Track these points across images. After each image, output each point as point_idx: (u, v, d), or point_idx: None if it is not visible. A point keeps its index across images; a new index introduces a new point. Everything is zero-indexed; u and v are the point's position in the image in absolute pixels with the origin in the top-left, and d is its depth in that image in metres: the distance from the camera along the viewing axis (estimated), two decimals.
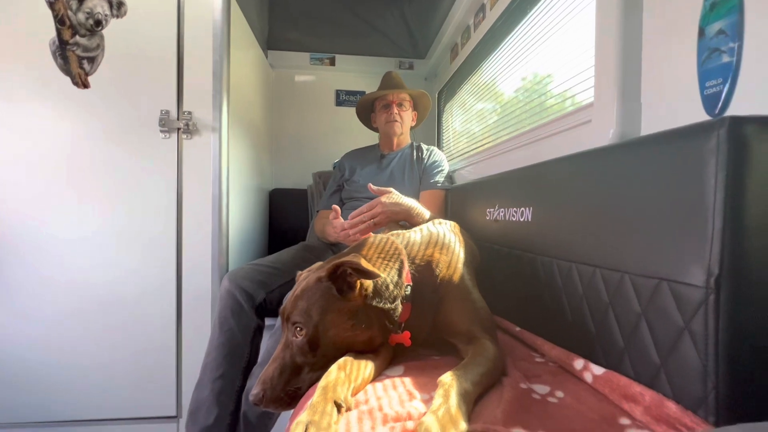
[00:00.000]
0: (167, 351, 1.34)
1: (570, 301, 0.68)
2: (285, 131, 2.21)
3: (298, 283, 0.68)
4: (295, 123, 2.22)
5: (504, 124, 1.40)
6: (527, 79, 1.24)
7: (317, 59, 2.18)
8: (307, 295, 0.63)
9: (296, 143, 2.22)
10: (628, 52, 0.69)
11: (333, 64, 2.18)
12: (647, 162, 0.54)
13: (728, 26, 0.53)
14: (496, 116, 1.49)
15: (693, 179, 0.46)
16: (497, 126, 1.46)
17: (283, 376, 0.60)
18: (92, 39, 1.28)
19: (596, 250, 0.62)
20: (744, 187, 0.42)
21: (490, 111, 1.56)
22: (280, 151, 2.20)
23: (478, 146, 1.61)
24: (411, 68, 2.23)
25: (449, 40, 1.79)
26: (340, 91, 2.22)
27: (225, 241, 1.37)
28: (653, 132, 0.65)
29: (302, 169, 2.20)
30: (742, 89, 0.51)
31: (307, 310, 0.62)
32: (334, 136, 2.24)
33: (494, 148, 1.34)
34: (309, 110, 2.22)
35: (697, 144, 0.45)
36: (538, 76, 1.18)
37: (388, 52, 2.16)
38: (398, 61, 2.21)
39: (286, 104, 2.20)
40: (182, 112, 1.31)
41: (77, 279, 1.29)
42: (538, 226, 0.81)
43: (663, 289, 0.49)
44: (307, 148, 2.23)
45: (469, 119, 1.75)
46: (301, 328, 0.61)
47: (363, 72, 2.21)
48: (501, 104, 1.43)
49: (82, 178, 1.29)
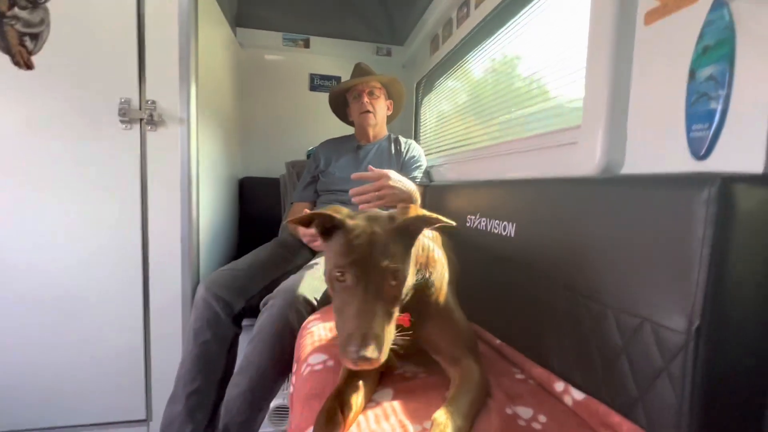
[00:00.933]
0: (135, 352, 1.28)
1: (551, 323, 0.71)
2: (255, 116, 2.10)
3: (363, 230, 0.60)
4: (266, 107, 2.11)
5: (485, 128, 1.40)
6: (513, 86, 1.23)
7: (290, 40, 2.05)
8: (392, 242, 0.59)
9: (267, 129, 2.12)
10: (617, 82, 0.70)
11: (307, 47, 2.07)
12: (636, 202, 0.56)
13: (718, 73, 0.54)
14: (477, 120, 1.48)
15: (681, 229, 0.48)
16: (478, 129, 1.46)
17: (388, 329, 0.55)
18: (35, 13, 1.13)
19: (580, 280, 0.65)
20: (729, 243, 0.44)
21: (470, 111, 1.55)
22: (250, 137, 2.09)
23: (458, 146, 1.61)
24: (389, 54, 2.16)
25: (430, 30, 1.74)
26: (315, 75, 2.12)
27: (195, 238, 1.31)
28: (637, 163, 0.68)
29: (274, 156, 2.11)
30: (727, 137, 0.53)
31: (400, 255, 0.59)
32: (308, 123, 2.15)
33: (475, 151, 1.34)
34: (281, 94, 2.11)
35: (688, 196, 0.47)
36: (525, 87, 1.17)
37: (366, 36, 2.08)
38: (376, 47, 2.14)
39: (256, 87, 2.08)
40: (145, 101, 1.20)
41: (31, 282, 1.19)
42: (522, 243, 0.83)
43: (645, 328, 0.52)
44: (279, 135, 2.13)
45: (448, 118, 1.74)
46: (396, 275, 0.58)
47: (339, 56, 2.12)
48: (483, 108, 1.42)
49: (27, 171, 1.16)
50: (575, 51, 0.90)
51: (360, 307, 0.54)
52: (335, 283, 0.59)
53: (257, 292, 1.23)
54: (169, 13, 1.19)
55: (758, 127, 0.49)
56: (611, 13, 0.70)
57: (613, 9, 0.70)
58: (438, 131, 1.83)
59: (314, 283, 1.13)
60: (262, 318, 1.06)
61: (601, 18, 0.72)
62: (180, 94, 1.22)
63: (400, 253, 0.59)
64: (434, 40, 1.77)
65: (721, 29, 0.54)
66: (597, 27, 0.73)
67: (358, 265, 0.57)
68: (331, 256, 0.61)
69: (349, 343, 0.51)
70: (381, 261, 0.57)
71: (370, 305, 0.54)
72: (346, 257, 0.57)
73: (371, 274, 0.56)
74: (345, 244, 0.59)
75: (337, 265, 0.58)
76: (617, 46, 0.69)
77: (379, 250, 0.57)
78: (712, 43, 0.55)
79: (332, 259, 0.60)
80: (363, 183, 1.51)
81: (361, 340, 0.51)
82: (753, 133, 0.49)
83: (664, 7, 0.63)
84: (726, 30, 0.53)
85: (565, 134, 0.85)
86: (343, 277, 0.57)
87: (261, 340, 1.03)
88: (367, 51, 2.13)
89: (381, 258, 0.57)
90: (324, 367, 0.75)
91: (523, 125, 1.12)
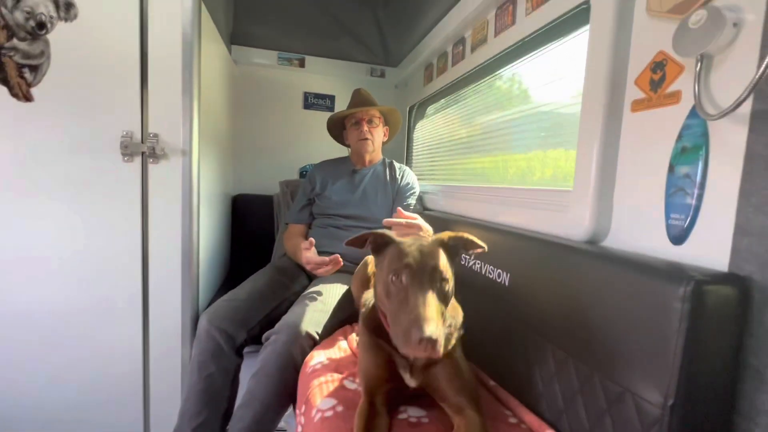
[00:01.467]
0: (134, 377, 1.29)
1: (542, 374, 0.79)
2: (248, 133, 2.11)
3: (412, 242, 0.73)
4: (260, 124, 2.12)
5: (475, 169, 1.47)
6: (509, 137, 1.30)
7: (286, 59, 2.06)
8: (439, 251, 0.71)
9: (260, 146, 2.13)
10: (606, 158, 0.78)
11: (303, 66, 2.09)
12: (621, 280, 0.63)
13: (693, 173, 0.62)
14: (467, 157, 1.55)
15: (659, 317, 0.55)
16: (469, 170, 1.53)
17: (441, 323, 0.65)
18: (35, 44, 1.11)
19: (571, 340, 0.73)
20: (700, 334, 0.52)
21: (462, 148, 1.61)
22: (243, 154, 2.10)
23: (450, 179, 1.67)
24: (382, 76, 2.20)
25: (425, 58, 1.79)
26: (309, 93, 2.15)
27: (195, 266, 1.33)
28: (620, 234, 0.76)
29: (266, 173, 2.12)
30: (699, 230, 0.61)
31: (446, 263, 0.71)
32: (301, 141, 2.18)
33: (469, 188, 1.41)
34: (275, 111, 2.12)
35: (667, 290, 0.55)
36: (519, 140, 1.24)
37: (360, 57, 2.11)
38: (370, 68, 2.17)
39: (250, 104, 2.08)
40: (147, 134, 1.21)
41: (31, 307, 1.19)
42: (515, 295, 0.90)
43: (627, 397, 0.60)
44: (271, 152, 2.15)
45: (440, 149, 1.80)
46: (445, 276, 0.69)
47: (333, 75, 2.15)
48: (474, 147, 1.49)
49: (25, 202, 1.15)
50: (566, 107, 0.98)
51: (417, 300, 0.64)
52: (391, 286, 0.69)
53: (257, 323, 1.27)
54: (173, 43, 1.20)
55: (725, 228, 0.57)
56: (602, 95, 0.78)
57: (604, 91, 0.77)
58: (430, 160, 1.89)
59: (316, 316, 1.18)
60: (265, 353, 1.10)
61: (593, 98, 0.80)
62: (183, 126, 1.23)
63: (445, 261, 0.71)
64: (428, 68, 1.83)
65: (698, 135, 0.62)
66: (588, 105, 0.81)
67: (411, 267, 0.67)
68: (386, 265, 0.72)
69: (411, 330, 0.60)
70: (430, 263, 0.68)
71: (426, 298, 0.64)
72: (401, 261, 0.68)
73: (424, 274, 0.67)
74: (398, 252, 0.71)
75: (394, 268, 0.68)
76: (606, 124, 0.76)
77: (429, 255, 0.69)
78: (689, 146, 0.63)
79: (387, 267, 0.71)
80: (365, 213, 1.57)
81: (424, 323, 0.59)
82: (721, 233, 0.58)
83: (649, 100, 0.71)
84: (702, 137, 0.61)
85: (557, 195, 0.92)
86: (398, 279, 0.67)
87: (265, 375, 1.07)
88: (361, 72, 2.16)
89: (431, 261, 0.68)
90: (334, 413, 0.81)
91: (518, 177, 1.20)
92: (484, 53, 1.30)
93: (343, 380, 0.94)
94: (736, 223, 0.56)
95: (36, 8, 1.10)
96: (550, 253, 0.82)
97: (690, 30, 0.60)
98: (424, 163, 1.96)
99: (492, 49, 1.24)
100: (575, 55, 0.95)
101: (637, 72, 0.74)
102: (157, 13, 1.18)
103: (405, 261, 0.68)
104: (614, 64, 0.76)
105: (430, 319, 0.60)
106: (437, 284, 0.67)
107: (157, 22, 1.18)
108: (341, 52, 2.07)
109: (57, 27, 1.12)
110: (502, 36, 1.18)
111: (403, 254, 0.69)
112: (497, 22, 1.23)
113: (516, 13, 1.13)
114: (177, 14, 1.19)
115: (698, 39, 0.59)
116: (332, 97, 2.16)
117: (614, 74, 0.76)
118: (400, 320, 0.65)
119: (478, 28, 1.35)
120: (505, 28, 1.17)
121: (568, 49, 0.98)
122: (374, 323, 0.85)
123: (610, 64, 0.76)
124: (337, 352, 1.09)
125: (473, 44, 1.39)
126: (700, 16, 0.59)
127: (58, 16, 1.12)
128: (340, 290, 1.35)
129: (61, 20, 1.12)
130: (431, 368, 0.80)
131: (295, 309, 1.20)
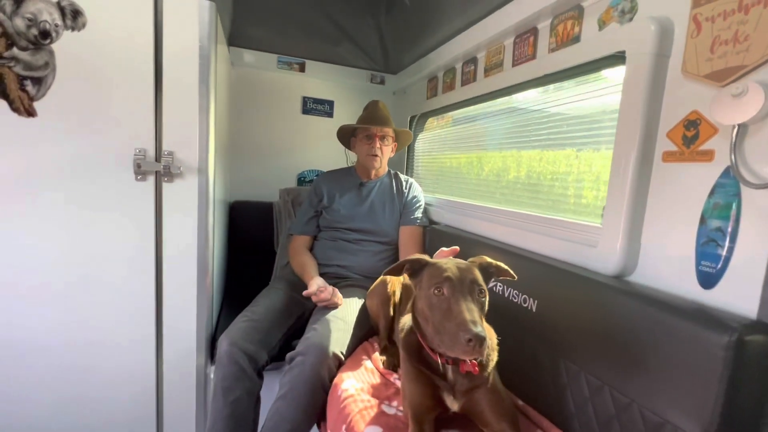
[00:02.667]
0: (147, 396, 1.25)
1: (575, 399, 0.86)
2: (245, 138, 2.04)
3: (448, 261, 0.82)
4: (257, 129, 2.06)
5: (490, 189, 1.52)
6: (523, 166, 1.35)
7: (285, 63, 2.00)
8: (476, 270, 0.80)
9: (257, 151, 2.07)
10: (636, 199, 0.84)
11: (303, 70, 2.04)
12: (662, 321, 0.70)
13: (725, 228, 0.70)
14: (484, 182, 1.59)
15: (700, 361, 0.63)
16: (482, 189, 1.57)
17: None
18: (37, 55, 1.03)
19: (606, 370, 0.80)
20: (740, 381, 0.60)
21: (470, 172, 1.66)
22: (240, 159, 2.03)
23: (455, 194, 1.72)
24: (382, 83, 2.19)
25: (430, 70, 1.81)
26: (308, 98, 2.10)
27: (210, 288, 1.30)
28: (647, 273, 0.84)
29: (264, 180, 2.08)
30: (729, 278, 0.69)
31: (481, 280, 0.79)
32: (299, 147, 2.14)
33: (486, 210, 1.44)
34: (272, 116, 2.07)
35: (710, 338, 0.62)
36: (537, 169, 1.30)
37: (361, 63, 2.09)
38: (370, 74, 2.16)
39: (247, 108, 2.02)
40: (162, 152, 1.15)
41: (41, 331, 1.12)
42: (544, 320, 0.97)
43: (667, 428, 0.67)
44: (269, 158, 2.09)
45: (445, 167, 1.84)
46: (482, 290, 0.78)
47: (333, 81, 2.12)
48: (489, 174, 1.53)
49: (28, 223, 1.08)
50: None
51: (460, 307, 0.72)
52: (433, 298, 0.76)
53: (276, 342, 1.27)
54: (189, 55, 1.14)
55: (755, 280, 0.65)
56: (634, 142, 0.84)
57: (636, 138, 0.84)
58: (435, 174, 1.93)
59: (340, 336, 1.20)
60: (292, 374, 1.11)
61: (625, 142, 0.86)
62: (200, 143, 1.18)
63: (481, 276, 0.79)
64: (432, 80, 1.85)
65: (731, 195, 0.69)
66: (620, 149, 0.87)
67: (451, 279, 0.75)
68: (425, 282, 0.80)
69: (458, 333, 0.68)
70: (469, 276, 0.76)
71: (468, 305, 0.72)
72: (441, 275, 0.76)
73: (464, 285, 0.75)
74: (437, 269, 0.79)
75: (435, 283, 0.76)
76: (637, 169, 0.83)
77: (466, 269, 0.78)
78: (721, 202, 0.71)
79: (426, 283, 0.79)
80: (374, 227, 1.58)
81: (470, 325, 0.68)
82: (750, 284, 0.66)
83: (681, 154, 0.78)
84: (734, 197, 0.69)
85: (585, 229, 0.99)
86: (440, 291, 0.75)
87: (294, 397, 1.09)
88: (361, 78, 2.15)
89: (468, 274, 0.77)
90: None
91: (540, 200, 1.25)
92: (498, 80, 1.33)
93: (380, 405, 0.97)
94: (766, 278, 0.64)
95: (39, 15, 1.01)
96: (580, 283, 0.89)
97: (729, 100, 0.67)
98: (426, 176, 1.99)
99: (509, 78, 1.28)
100: (601, 90, 1.01)
101: (669, 125, 0.80)
102: (172, 23, 1.12)
103: (445, 275, 0.76)
104: (648, 115, 0.82)
105: (475, 321, 0.69)
106: (476, 295, 0.76)
107: (172, 33, 1.12)
108: (341, 58, 2.04)
109: (63, 36, 1.03)
110: (521, 68, 1.22)
111: (442, 270, 0.78)
112: (516, 50, 1.27)
113: (537, 46, 1.18)
114: (194, 24, 1.13)
115: (737, 110, 0.66)
116: (331, 102, 2.13)
117: (647, 124, 0.82)
118: (445, 328, 0.72)
119: (492, 51, 1.39)
120: (525, 59, 1.21)
121: (596, 85, 1.04)
122: (413, 348, 0.89)
123: (645, 114, 0.82)
124: (365, 373, 1.12)
125: (487, 67, 1.42)
126: (740, 89, 0.65)
127: (64, 24, 1.03)
128: (356, 305, 1.37)
129: (68, 29, 1.04)
130: (473, 392, 0.85)
131: (317, 328, 1.21)
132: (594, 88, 1.04)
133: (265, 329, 1.24)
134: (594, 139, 1.05)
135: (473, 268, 0.80)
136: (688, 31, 0.77)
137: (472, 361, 0.78)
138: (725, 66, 0.70)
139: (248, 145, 2.05)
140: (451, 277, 0.76)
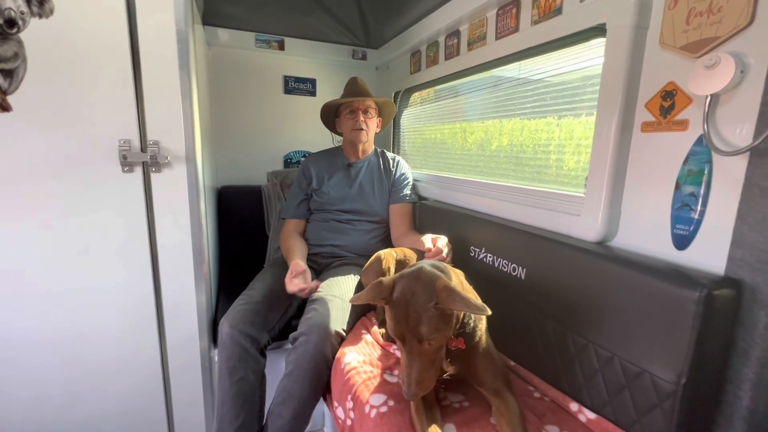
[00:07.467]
0: (154, 383, 1.28)
1: (562, 357, 0.94)
2: (227, 121, 2.00)
3: (407, 299, 0.79)
4: (239, 112, 2.01)
5: (474, 163, 1.55)
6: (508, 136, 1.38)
7: (264, 41, 1.94)
8: (427, 319, 0.77)
9: (241, 134, 2.04)
10: (617, 168, 0.89)
11: (282, 48, 1.98)
12: (639, 281, 0.76)
13: (697, 192, 0.75)
14: (468, 155, 1.61)
15: (673, 315, 0.69)
16: (468, 164, 1.59)
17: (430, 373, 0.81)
18: (5, 45, 0.98)
19: (590, 328, 0.86)
20: (708, 329, 0.67)
21: (455, 147, 1.67)
22: (224, 144, 2.00)
23: (445, 171, 1.74)
24: (364, 58, 2.15)
25: (412, 44, 1.79)
26: (289, 77, 2.06)
27: (208, 273, 1.31)
28: (628, 238, 0.90)
29: (249, 163, 2.05)
30: (700, 240, 0.75)
31: (440, 321, 0.80)
32: (283, 127, 2.11)
33: (473, 183, 1.48)
34: (254, 97, 2.02)
35: (683, 294, 0.68)
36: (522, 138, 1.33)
37: (342, 38, 2.04)
38: (351, 50, 2.11)
39: (226, 90, 1.96)
40: (147, 141, 1.13)
41: (42, 325, 1.13)
42: (533, 287, 1.03)
43: (645, 376, 0.75)
44: (253, 140, 2.06)
45: (430, 142, 1.85)
46: (437, 337, 0.79)
47: (314, 58, 2.07)
48: (475, 146, 1.56)
49: (7, 224, 1.06)
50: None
51: (405, 361, 0.78)
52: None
53: (275, 322, 1.31)
54: (167, 35, 1.09)
55: (723, 241, 0.71)
56: (614, 113, 0.87)
57: (617, 110, 0.87)
58: (421, 149, 1.94)
59: (340, 315, 1.24)
60: (297, 353, 1.15)
61: (606, 114, 0.89)
62: (185, 130, 1.16)
63: (433, 322, 0.76)
64: (415, 55, 1.83)
65: (703, 162, 0.74)
66: (602, 120, 0.91)
67: (398, 336, 0.79)
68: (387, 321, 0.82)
69: (402, 386, 0.79)
70: (419, 330, 0.76)
71: (411, 362, 0.77)
72: (392, 330, 0.79)
73: (413, 342, 0.77)
74: (390, 320, 0.80)
75: (390, 332, 0.81)
76: (617, 140, 0.87)
77: (415, 320, 0.76)
78: (695, 169, 0.75)
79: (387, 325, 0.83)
80: (364, 207, 1.60)
81: (407, 387, 0.77)
82: (719, 244, 0.72)
83: (658, 124, 0.82)
84: (706, 164, 0.74)
85: (569, 199, 1.04)
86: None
87: (300, 374, 1.14)
88: (342, 54, 2.10)
89: (419, 327, 0.76)
90: (388, 408, 0.90)
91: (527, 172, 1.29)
92: (482, 53, 1.34)
93: (383, 375, 1.03)
94: (733, 237, 0.70)
95: (2, 3, 0.95)
96: (565, 251, 0.94)
97: (703, 71, 0.70)
98: (413, 152, 2.00)
99: (493, 52, 1.28)
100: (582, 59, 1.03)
101: (647, 96, 0.84)
102: (146, 3, 1.07)
103: (394, 332, 0.79)
104: (627, 87, 0.85)
105: (412, 383, 0.76)
106: (424, 346, 0.77)
107: (146, 14, 1.07)
108: (321, 34, 1.98)
109: (31, 24, 0.98)
110: (505, 41, 1.22)
111: (392, 323, 0.79)
112: (498, 23, 1.27)
113: (520, 18, 1.18)
114: (168, 3, 1.08)
115: (710, 80, 0.69)
116: (313, 80, 2.09)
117: (627, 96, 0.86)
118: (402, 368, 0.80)
119: (475, 24, 1.38)
120: (508, 32, 1.22)
121: (576, 55, 1.06)
122: None
123: (624, 86, 0.85)
124: (366, 347, 1.17)
125: (470, 40, 1.42)
126: (713, 60, 0.69)
127: (30, 11, 0.98)
128: (352, 282, 1.41)
129: (35, 16, 0.98)
130: (468, 356, 0.91)
131: (317, 308, 1.25)
132: (575, 57, 1.06)
133: (264, 311, 1.27)
134: (574, 106, 1.08)
135: (423, 313, 0.76)
136: (666, 2, 0.79)
137: (459, 338, 0.85)
138: (700, 37, 0.73)
139: (231, 129, 2.01)
140: (401, 335, 0.78)
